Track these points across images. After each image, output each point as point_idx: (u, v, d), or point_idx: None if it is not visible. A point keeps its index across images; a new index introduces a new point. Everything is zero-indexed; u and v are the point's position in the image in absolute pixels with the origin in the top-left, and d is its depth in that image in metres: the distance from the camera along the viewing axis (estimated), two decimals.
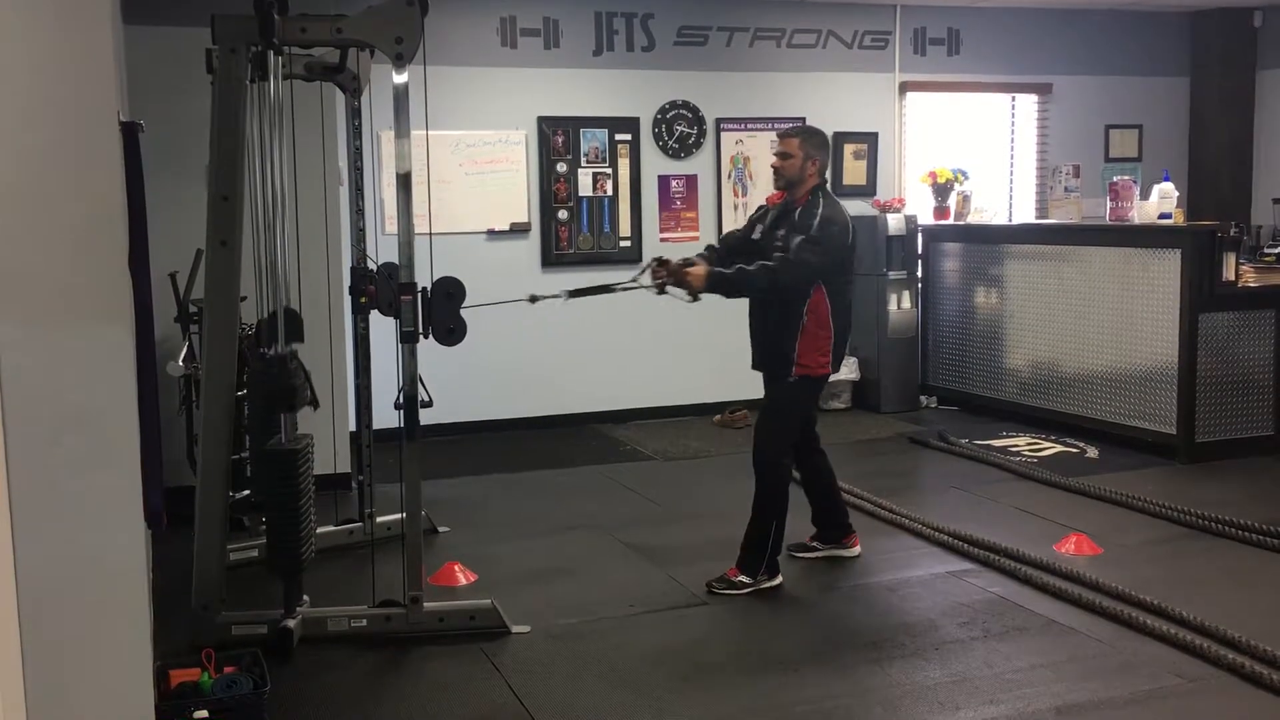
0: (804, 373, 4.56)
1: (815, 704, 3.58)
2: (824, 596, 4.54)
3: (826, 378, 4.66)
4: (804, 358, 4.54)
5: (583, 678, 3.82)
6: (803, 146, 4.58)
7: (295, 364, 4.16)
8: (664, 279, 4.53)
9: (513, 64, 7.55)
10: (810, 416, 4.89)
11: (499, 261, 7.53)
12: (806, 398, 4.73)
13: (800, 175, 4.58)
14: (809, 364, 4.54)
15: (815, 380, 4.63)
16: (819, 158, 4.61)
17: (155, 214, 6.07)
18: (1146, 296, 6.58)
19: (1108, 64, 8.96)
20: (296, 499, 4.06)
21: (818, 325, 4.53)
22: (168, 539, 4.94)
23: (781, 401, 4.67)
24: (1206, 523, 5.22)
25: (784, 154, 4.60)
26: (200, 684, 3.40)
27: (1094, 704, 3.52)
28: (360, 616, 4.16)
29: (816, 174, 4.59)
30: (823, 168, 4.63)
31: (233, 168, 4.00)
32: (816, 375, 4.59)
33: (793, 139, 4.62)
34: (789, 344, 4.53)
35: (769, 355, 4.65)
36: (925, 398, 8.29)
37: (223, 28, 3.93)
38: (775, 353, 4.59)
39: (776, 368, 4.61)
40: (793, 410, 4.70)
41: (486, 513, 5.84)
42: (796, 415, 4.73)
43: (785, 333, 4.54)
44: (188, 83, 5.05)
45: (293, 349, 4.17)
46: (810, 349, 4.53)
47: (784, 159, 4.60)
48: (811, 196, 4.56)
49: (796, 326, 4.51)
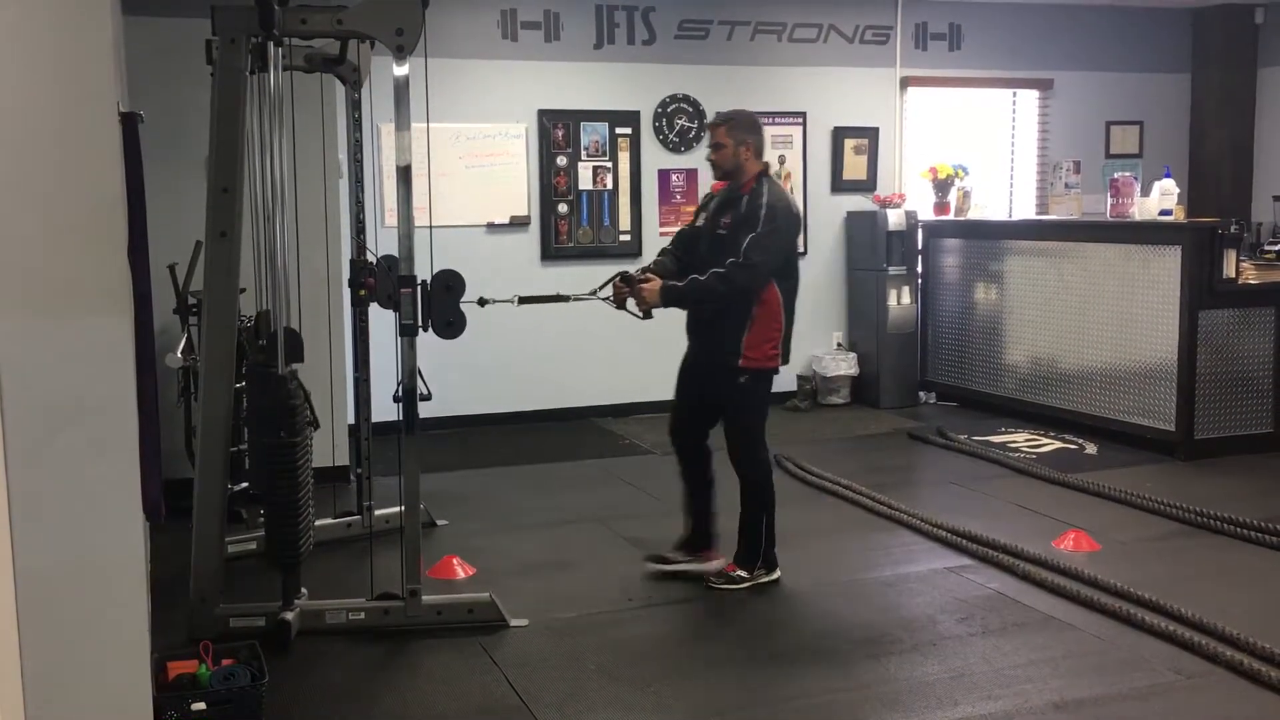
0: (753, 366, 4.39)
1: (813, 698, 3.58)
2: (822, 591, 4.54)
3: (777, 370, 4.49)
4: (752, 350, 4.37)
5: (580, 671, 3.82)
6: (731, 133, 4.42)
7: (295, 384, 4.15)
8: (625, 294, 4.44)
9: (513, 57, 7.53)
10: (764, 411, 4.60)
11: (498, 255, 7.53)
12: (764, 389, 4.50)
13: (737, 163, 4.42)
14: (757, 357, 4.38)
15: (766, 373, 4.46)
16: (751, 140, 4.43)
17: (154, 205, 6.05)
18: (1146, 293, 6.58)
19: (1109, 60, 8.95)
20: (295, 491, 4.05)
21: (769, 316, 4.37)
22: (166, 531, 4.93)
23: (739, 403, 4.49)
24: (1205, 519, 5.22)
25: (716, 145, 4.46)
26: (198, 676, 3.39)
27: (1092, 700, 3.52)
28: (358, 609, 4.15)
29: (753, 157, 4.43)
30: (758, 149, 4.45)
31: (232, 159, 3.99)
32: (766, 368, 4.44)
33: (719, 128, 4.47)
34: (736, 337, 4.36)
35: (714, 349, 4.45)
36: (924, 393, 8.29)
37: (223, 18, 3.91)
38: (721, 347, 4.41)
39: (723, 362, 4.41)
40: (752, 405, 4.50)
41: (485, 506, 5.83)
42: (756, 410, 4.52)
43: (731, 325, 4.37)
44: (187, 74, 5.04)
45: (293, 369, 4.16)
46: (759, 341, 4.37)
47: (717, 150, 4.45)
48: (756, 184, 4.40)
49: (744, 318, 4.35)
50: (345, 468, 5.97)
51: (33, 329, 2.47)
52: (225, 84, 3.96)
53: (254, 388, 4.45)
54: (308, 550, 4.19)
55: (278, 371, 4.03)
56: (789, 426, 7.50)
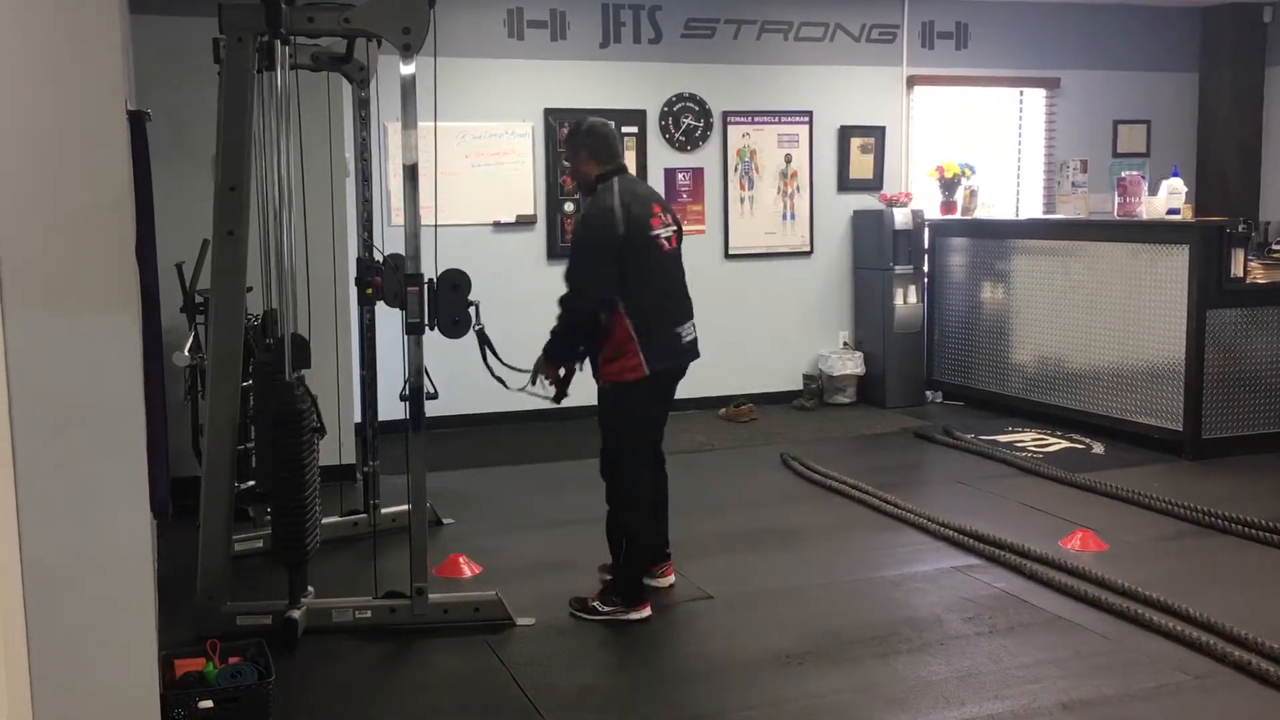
0: (613, 379, 4.22)
1: (819, 698, 3.58)
2: (828, 591, 4.53)
3: (649, 378, 4.20)
4: (608, 367, 4.22)
5: (586, 670, 3.82)
6: (571, 150, 4.34)
7: (302, 390, 4.15)
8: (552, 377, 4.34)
9: (519, 55, 7.53)
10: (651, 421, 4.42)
11: (505, 254, 7.53)
12: (630, 402, 4.25)
13: (588, 177, 4.27)
14: (613, 372, 4.20)
15: (627, 386, 4.20)
16: (585, 147, 4.27)
17: (162, 204, 6.05)
18: (1154, 292, 6.56)
19: (1117, 59, 8.92)
20: (301, 490, 4.06)
21: (614, 333, 4.17)
22: (173, 529, 4.94)
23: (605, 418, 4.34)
24: (1213, 520, 5.20)
25: (567, 166, 4.35)
26: (205, 674, 3.40)
27: (1099, 700, 3.51)
28: (365, 608, 4.16)
29: (597, 165, 4.24)
30: (599, 155, 4.25)
31: (239, 158, 4.00)
32: (625, 381, 4.19)
33: (565, 149, 4.33)
34: (595, 361, 4.28)
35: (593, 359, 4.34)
36: (931, 393, 8.27)
37: (230, 17, 3.92)
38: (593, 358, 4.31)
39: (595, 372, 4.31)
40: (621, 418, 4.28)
41: (492, 505, 5.84)
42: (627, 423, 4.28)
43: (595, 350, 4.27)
44: (195, 73, 5.04)
45: (299, 375, 4.16)
46: (612, 357, 4.19)
47: (571, 172, 4.36)
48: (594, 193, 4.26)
49: (599, 341, 4.22)
50: (352, 466, 5.97)
51: (40, 327, 2.47)
52: (232, 82, 3.96)
53: (260, 388, 4.46)
54: (314, 549, 4.19)
55: (285, 378, 4.04)
56: (795, 426, 7.50)
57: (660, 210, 4.32)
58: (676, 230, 4.39)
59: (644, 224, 4.20)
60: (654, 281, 4.24)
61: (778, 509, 5.70)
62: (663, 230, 4.28)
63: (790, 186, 8.16)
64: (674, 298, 4.35)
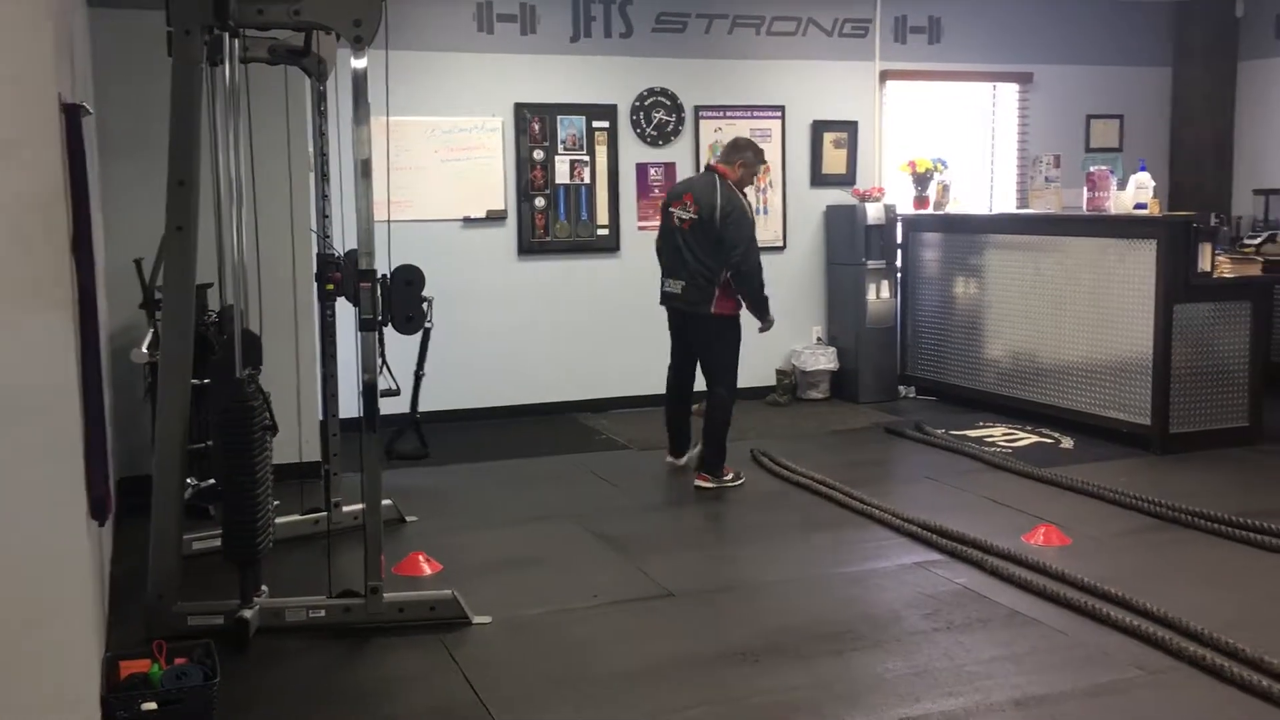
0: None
1: (773, 695, 3.55)
2: (788, 587, 4.51)
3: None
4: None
5: (541, 670, 3.78)
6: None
7: (254, 387, 4.10)
8: None
9: (489, 49, 7.48)
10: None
11: (475, 249, 7.49)
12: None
13: None
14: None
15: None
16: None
17: (121, 199, 6.00)
18: (1122, 287, 6.56)
19: (1089, 53, 8.92)
20: (253, 487, 4.02)
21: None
22: (129, 529, 4.90)
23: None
24: (1177, 514, 5.20)
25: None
26: (150, 675, 3.35)
27: (1053, 696, 3.50)
28: (319, 607, 4.11)
29: None
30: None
31: (189, 152, 3.94)
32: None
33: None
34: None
35: None
36: (904, 388, 8.26)
37: (177, 9, 3.85)
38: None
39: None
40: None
41: (456, 502, 5.80)
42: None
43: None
44: (152, 67, 4.97)
45: (250, 372, 4.12)
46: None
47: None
48: None
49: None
50: (315, 464, 5.92)
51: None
52: (180, 76, 3.90)
53: (217, 386, 4.41)
54: (266, 547, 4.14)
55: (235, 375, 4.00)
56: (767, 421, 7.48)
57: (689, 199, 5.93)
58: (692, 217, 5.88)
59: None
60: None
61: (743, 505, 5.68)
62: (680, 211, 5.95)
63: (763, 181, 8.13)
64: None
